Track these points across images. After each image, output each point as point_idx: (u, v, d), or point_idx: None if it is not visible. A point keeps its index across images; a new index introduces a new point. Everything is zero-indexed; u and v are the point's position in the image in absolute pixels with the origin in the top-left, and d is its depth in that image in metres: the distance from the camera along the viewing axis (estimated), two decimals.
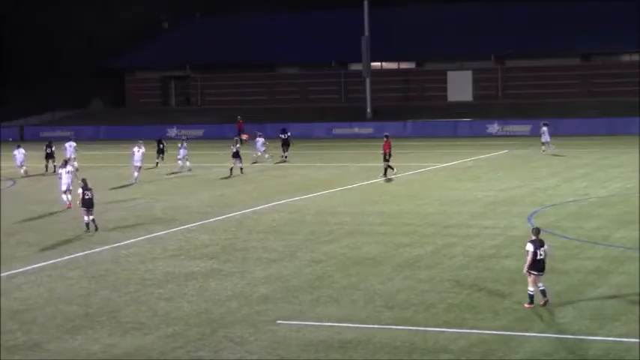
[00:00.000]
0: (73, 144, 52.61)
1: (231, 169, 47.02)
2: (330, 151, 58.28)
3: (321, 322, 18.67)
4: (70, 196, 35.61)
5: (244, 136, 58.11)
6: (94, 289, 21.93)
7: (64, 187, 36.00)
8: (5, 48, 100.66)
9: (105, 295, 21.32)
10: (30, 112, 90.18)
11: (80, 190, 30.63)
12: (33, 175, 49.46)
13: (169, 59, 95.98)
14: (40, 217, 34.57)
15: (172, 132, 77.64)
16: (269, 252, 26.06)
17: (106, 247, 27.42)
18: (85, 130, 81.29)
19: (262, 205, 35.58)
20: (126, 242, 28.11)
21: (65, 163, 38.17)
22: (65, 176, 35.96)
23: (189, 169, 49.45)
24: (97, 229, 30.32)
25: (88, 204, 30.43)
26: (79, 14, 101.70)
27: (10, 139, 75.28)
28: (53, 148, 51.34)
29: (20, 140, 70.67)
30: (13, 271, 24.22)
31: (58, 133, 77.08)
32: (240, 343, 17.37)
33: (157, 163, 52.45)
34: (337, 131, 76.97)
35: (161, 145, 53.31)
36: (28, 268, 24.65)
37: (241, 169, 47.56)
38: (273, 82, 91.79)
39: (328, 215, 32.70)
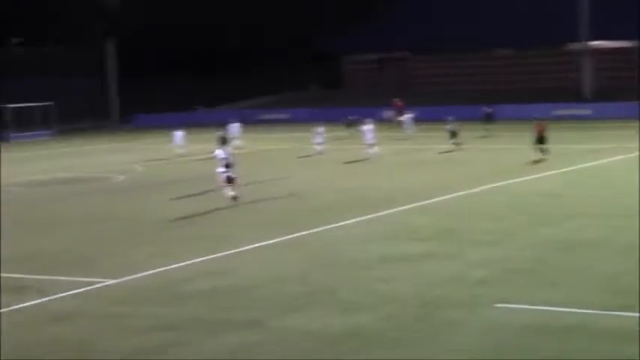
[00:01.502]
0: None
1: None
2: (550, 133, 57.05)
3: (540, 305, 18.34)
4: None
5: (402, 118, 57.57)
6: (312, 269, 22.33)
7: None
8: (226, 30, 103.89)
9: (323, 275, 21.68)
10: (248, 95, 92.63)
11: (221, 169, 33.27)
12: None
13: (384, 41, 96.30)
14: (260, 197, 35.45)
15: (387, 114, 77.93)
16: (485, 234, 25.82)
17: (324, 227, 27.85)
18: (301, 113, 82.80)
19: (478, 187, 35.27)
20: (342, 223, 28.47)
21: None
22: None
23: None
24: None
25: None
26: None
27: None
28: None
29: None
30: (236, 250, 24.96)
31: (276, 116, 78.92)
32: (457, 325, 17.29)
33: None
34: (555, 112, 75.25)
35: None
36: (251, 246, 25.35)
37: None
38: (487, 64, 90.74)
39: (546, 197, 32.10)
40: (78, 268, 23.49)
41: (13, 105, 74.91)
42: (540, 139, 44.44)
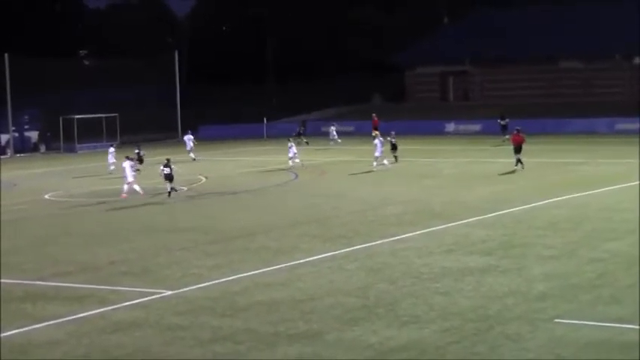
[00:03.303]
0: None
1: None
2: (611, 147, 56.34)
3: (602, 322, 18.07)
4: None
5: (376, 133, 57.78)
6: (371, 282, 22.26)
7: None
8: (292, 44, 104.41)
9: (382, 288, 21.59)
10: (312, 107, 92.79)
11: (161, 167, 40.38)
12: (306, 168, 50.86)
13: (448, 54, 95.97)
14: (323, 209, 35.48)
15: (450, 127, 77.69)
16: (548, 248, 25.54)
17: (384, 240, 27.77)
18: (365, 125, 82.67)
19: (541, 201, 34.91)
20: (403, 236, 28.35)
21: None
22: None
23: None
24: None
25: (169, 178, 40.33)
26: (364, 11, 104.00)
27: (294, 134, 77.68)
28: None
29: (300, 136, 72.80)
30: (296, 262, 24.98)
31: (340, 128, 78.86)
32: (517, 340, 17.10)
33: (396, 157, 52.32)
34: (620, 127, 74.27)
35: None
36: (310, 259, 25.36)
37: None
38: (554, 77, 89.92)
39: (611, 212, 31.67)
40: (138, 279, 23.68)
41: (79, 116, 75.88)
42: (517, 150, 46.30)
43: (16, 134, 76.14)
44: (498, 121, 65.82)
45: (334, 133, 68.53)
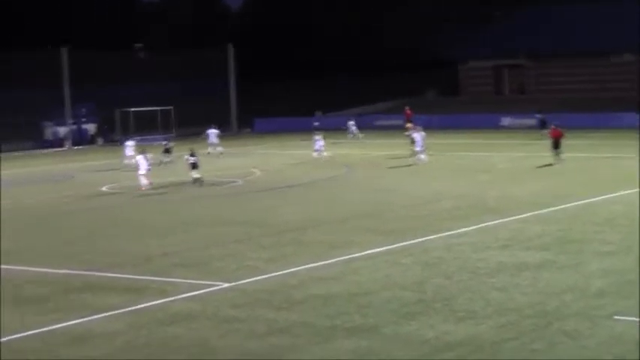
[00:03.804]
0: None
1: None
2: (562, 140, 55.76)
3: None
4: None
5: (409, 125, 57.70)
6: (427, 276, 22.22)
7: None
8: (345, 37, 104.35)
9: (438, 283, 21.55)
10: (366, 101, 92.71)
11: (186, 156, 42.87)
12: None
13: (503, 48, 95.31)
14: (375, 203, 35.48)
15: (505, 121, 77.17)
16: (605, 245, 25.31)
17: (439, 235, 27.69)
18: (419, 120, 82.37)
19: (597, 196, 34.58)
20: (458, 231, 28.26)
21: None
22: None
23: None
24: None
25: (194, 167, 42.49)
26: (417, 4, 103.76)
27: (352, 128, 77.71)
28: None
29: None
30: (349, 256, 25.01)
31: (392, 122, 78.77)
32: (575, 337, 16.99)
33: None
34: None
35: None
36: (364, 253, 25.37)
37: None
38: (606, 71, 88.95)
39: None
40: (194, 271, 23.86)
41: (135, 109, 76.56)
42: (556, 144, 46.35)
43: (74, 127, 77.03)
44: (536, 115, 65.61)
45: (353, 128, 68.60)
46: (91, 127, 78.42)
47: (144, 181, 42.18)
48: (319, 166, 50.49)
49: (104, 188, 43.66)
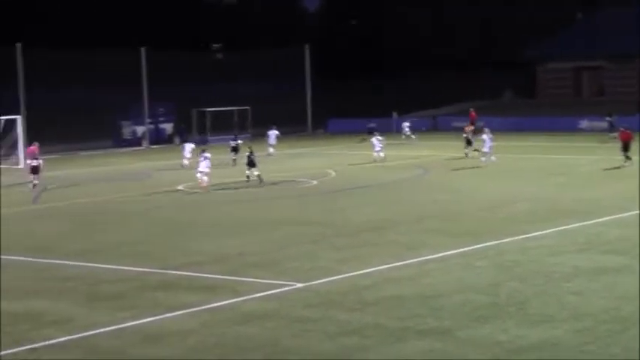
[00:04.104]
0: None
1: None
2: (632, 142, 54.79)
3: None
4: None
5: (470, 128, 57.40)
6: (501, 280, 21.98)
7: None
8: (424, 38, 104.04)
9: (512, 286, 21.29)
10: (442, 102, 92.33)
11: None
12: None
13: (582, 49, 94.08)
14: (449, 205, 35.27)
15: (584, 124, 76.18)
16: None
17: (514, 238, 27.39)
18: (494, 121, 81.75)
19: None
20: (534, 234, 27.92)
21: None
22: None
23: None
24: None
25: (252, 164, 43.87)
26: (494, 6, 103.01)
27: (423, 129, 77.45)
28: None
29: (433, 131, 72.53)
30: (423, 258, 24.87)
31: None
32: None
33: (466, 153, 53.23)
34: None
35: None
36: (438, 255, 25.20)
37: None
38: None
39: None
40: (267, 271, 23.92)
41: (212, 109, 77.13)
42: (625, 147, 46.31)
43: (152, 126, 77.88)
44: (606, 118, 65.11)
45: (407, 129, 68.66)
46: (168, 127, 79.23)
47: (204, 179, 42.74)
48: (393, 167, 50.35)
49: (180, 187, 44.03)
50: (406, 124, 69.80)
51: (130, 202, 39.69)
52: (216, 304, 20.36)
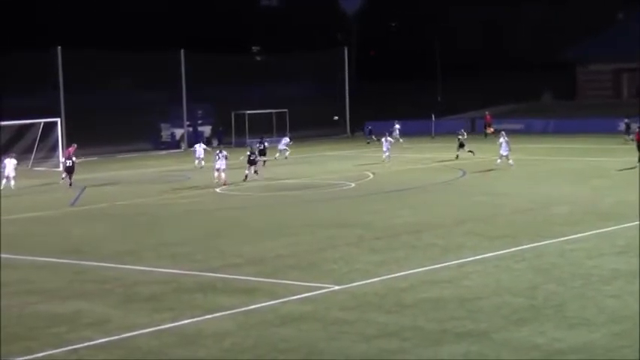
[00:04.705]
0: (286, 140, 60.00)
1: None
2: None
3: None
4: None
5: (490, 130, 57.97)
6: (539, 282, 21.85)
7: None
8: (461, 40, 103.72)
9: (550, 289, 21.16)
10: (481, 105, 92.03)
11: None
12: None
13: (622, 51, 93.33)
14: (487, 207, 35.12)
15: (621, 126, 75.62)
16: None
17: (553, 240, 27.23)
18: (534, 124, 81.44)
19: None
20: (572, 237, 27.73)
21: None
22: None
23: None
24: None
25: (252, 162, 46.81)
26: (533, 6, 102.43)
27: (462, 131, 77.17)
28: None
29: (471, 133, 72.12)
30: (462, 260, 24.78)
31: (509, 126, 77.91)
32: None
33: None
34: None
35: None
36: (476, 257, 25.11)
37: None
38: None
39: None
40: (305, 273, 23.93)
41: (250, 111, 77.36)
42: None
43: (190, 129, 78.23)
44: (625, 120, 65.27)
45: (397, 132, 69.04)
46: (206, 129, 79.55)
47: (221, 175, 45.30)
48: (431, 169, 50.25)
49: (218, 190, 44.19)
50: (397, 127, 69.81)
51: (169, 204, 39.90)
52: (252, 306, 20.40)
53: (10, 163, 47.44)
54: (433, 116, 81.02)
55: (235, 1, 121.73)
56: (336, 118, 77.31)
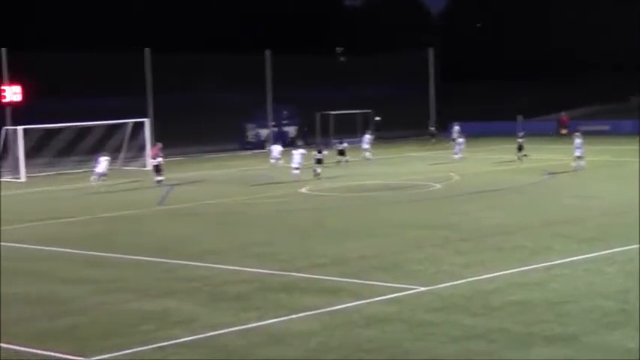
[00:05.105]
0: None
1: None
2: None
3: None
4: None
5: (564, 131, 57.12)
6: (631, 286, 21.42)
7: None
8: (546, 40, 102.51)
9: None
10: (567, 105, 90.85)
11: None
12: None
13: None
14: (576, 210, 34.61)
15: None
16: None
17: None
18: (622, 124, 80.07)
19: None
20: None
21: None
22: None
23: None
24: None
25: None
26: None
27: (551, 133, 76.38)
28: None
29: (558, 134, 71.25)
30: (550, 263, 24.44)
31: (595, 127, 76.80)
32: None
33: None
34: None
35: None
36: (564, 260, 24.73)
37: None
38: None
39: None
40: (390, 274, 23.83)
41: (335, 112, 77.42)
42: None
43: (275, 129, 78.58)
44: None
45: (456, 134, 68.15)
46: (291, 130, 79.84)
47: (296, 172, 48.35)
48: (518, 171, 49.74)
49: (303, 190, 44.31)
50: (456, 128, 69.30)
51: (254, 204, 40.10)
52: (337, 307, 20.37)
53: (103, 161, 48.53)
54: (519, 117, 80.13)
55: (319, 2, 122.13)
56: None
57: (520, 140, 55.07)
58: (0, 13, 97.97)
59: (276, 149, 58.34)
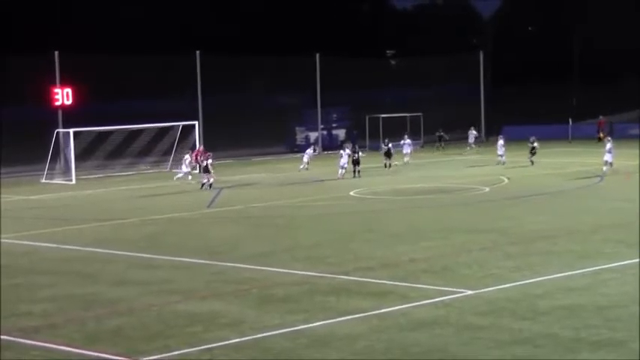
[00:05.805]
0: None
1: None
2: None
3: None
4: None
5: (602, 135, 56.75)
6: None
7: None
8: (599, 44, 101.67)
9: None
10: (617, 109, 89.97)
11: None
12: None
13: None
14: (626, 214, 34.28)
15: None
16: None
17: None
18: None
19: None
20: None
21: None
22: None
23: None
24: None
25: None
26: None
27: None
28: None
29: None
30: (599, 267, 24.28)
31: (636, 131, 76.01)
32: None
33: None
34: None
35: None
36: (614, 264, 24.57)
37: None
38: None
39: None
40: (438, 277, 23.82)
41: (384, 115, 77.36)
42: None
43: (325, 132, 78.67)
44: None
45: (472, 138, 70.06)
46: (340, 133, 79.87)
47: (341, 171, 51.46)
48: (568, 175, 49.42)
49: (352, 193, 44.37)
50: (473, 132, 69.40)
51: (303, 207, 40.24)
52: (385, 310, 20.40)
53: (186, 159, 52.08)
54: (570, 120, 79.54)
55: (370, 5, 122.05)
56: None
57: (533, 144, 55.97)
58: (52, 16, 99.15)
59: (307, 154, 58.42)
